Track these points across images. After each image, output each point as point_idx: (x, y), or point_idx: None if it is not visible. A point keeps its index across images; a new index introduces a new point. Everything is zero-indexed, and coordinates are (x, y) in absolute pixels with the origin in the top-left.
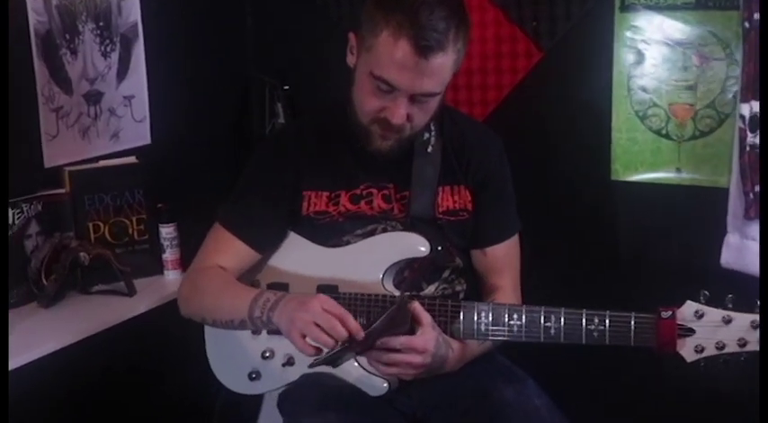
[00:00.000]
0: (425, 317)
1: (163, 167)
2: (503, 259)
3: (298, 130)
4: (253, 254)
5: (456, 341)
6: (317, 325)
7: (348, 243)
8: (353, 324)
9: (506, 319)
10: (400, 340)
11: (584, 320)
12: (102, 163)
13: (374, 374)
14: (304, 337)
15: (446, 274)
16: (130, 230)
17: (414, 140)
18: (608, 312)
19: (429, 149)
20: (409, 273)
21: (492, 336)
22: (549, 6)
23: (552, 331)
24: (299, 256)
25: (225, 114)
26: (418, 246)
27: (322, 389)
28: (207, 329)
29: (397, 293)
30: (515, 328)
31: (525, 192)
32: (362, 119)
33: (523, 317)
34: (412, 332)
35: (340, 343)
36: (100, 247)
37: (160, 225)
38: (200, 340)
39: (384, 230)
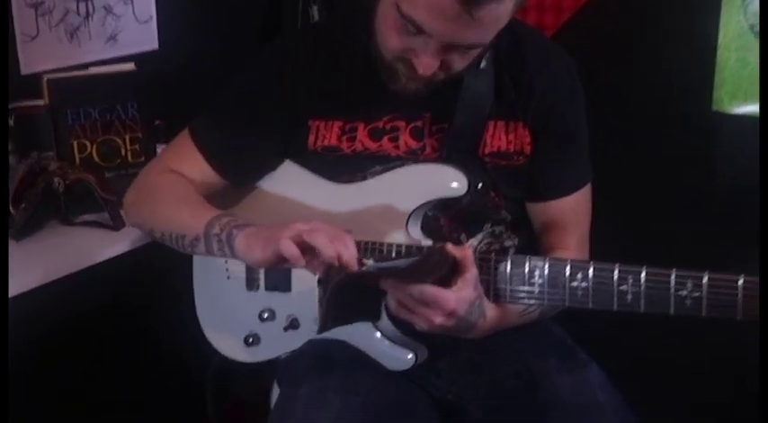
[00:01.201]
0: (470, 270)
1: (165, 76)
2: (568, 214)
3: (313, 38)
4: (222, 183)
5: (492, 307)
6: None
7: (363, 178)
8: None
9: (567, 280)
10: (427, 291)
11: (672, 283)
12: (92, 70)
13: (397, 344)
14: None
15: (489, 227)
16: (123, 151)
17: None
18: (707, 273)
19: (482, 65)
20: (445, 220)
21: (548, 300)
22: None
23: (629, 297)
24: (300, 192)
25: (249, 16)
26: (450, 182)
27: (330, 359)
28: (196, 282)
29: (426, 243)
30: (579, 292)
31: (601, 127)
32: (385, 54)
33: (590, 276)
34: (446, 281)
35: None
36: (82, 170)
37: (158, 145)
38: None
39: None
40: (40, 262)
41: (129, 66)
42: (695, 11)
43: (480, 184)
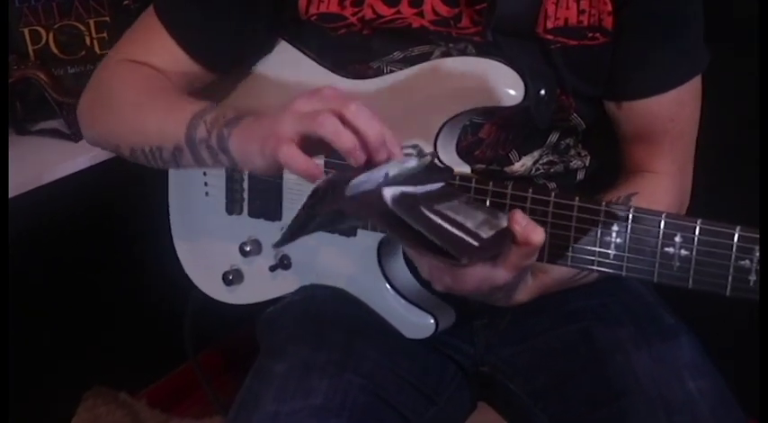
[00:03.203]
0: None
1: None
2: (664, 121)
3: None
4: (200, 70)
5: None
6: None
7: (379, 71)
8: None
9: (659, 243)
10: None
11: None
12: None
13: (416, 305)
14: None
15: (554, 137)
16: (87, 40)
17: None
18: None
19: None
20: (488, 129)
21: (627, 270)
22: None
23: (752, 279)
24: (298, 85)
25: None
26: (503, 86)
27: (323, 317)
28: (172, 200)
29: (459, 168)
30: (675, 264)
31: None
32: None
33: (695, 242)
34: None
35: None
36: (33, 66)
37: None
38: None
39: (445, 55)
40: None
41: None
42: None
43: (543, 90)
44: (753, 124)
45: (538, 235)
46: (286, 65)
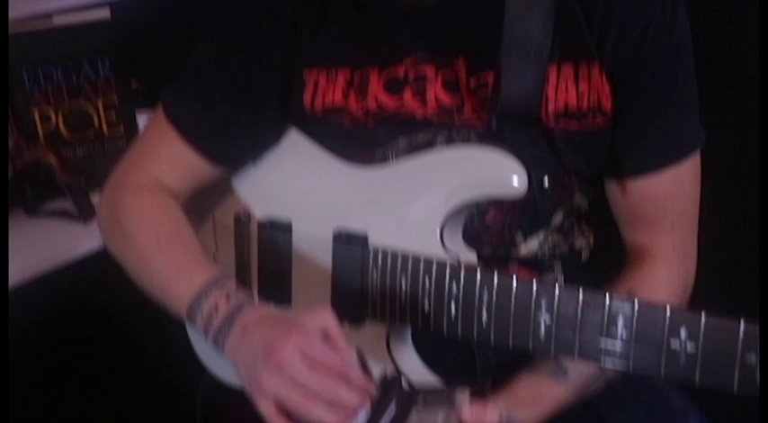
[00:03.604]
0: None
1: (141, 23)
2: (663, 200)
3: None
4: (209, 169)
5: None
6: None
7: (384, 158)
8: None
9: (664, 336)
10: None
11: None
12: (56, 20)
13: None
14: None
15: (558, 218)
16: (96, 121)
17: None
18: None
19: None
20: (493, 215)
21: (634, 367)
22: None
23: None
24: (308, 177)
25: None
26: (507, 177)
27: None
28: None
29: (466, 255)
30: (682, 359)
31: (711, 74)
32: None
33: (701, 336)
34: None
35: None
36: (42, 148)
37: (138, 112)
38: None
39: (448, 141)
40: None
41: (103, 12)
42: None
43: (546, 180)
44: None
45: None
46: (297, 154)
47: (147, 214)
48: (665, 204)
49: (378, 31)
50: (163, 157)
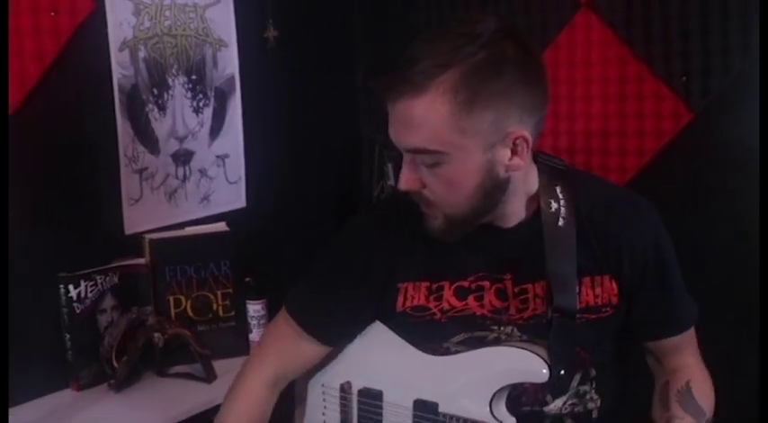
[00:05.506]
0: None
1: (254, 235)
2: (684, 341)
3: (396, 205)
4: (319, 350)
5: None
6: None
7: (448, 350)
8: None
9: None
10: None
11: None
12: (189, 230)
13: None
14: None
15: (575, 382)
16: (215, 306)
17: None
18: None
19: (560, 223)
20: (530, 385)
21: None
22: (703, 58)
23: None
24: (395, 361)
25: (328, 176)
26: (536, 370)
27: None
28: None
29: (507, 421)
30: None
31: None
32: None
33: None
34: None
35: None
36: (179, 325)
37: (247, 301)
38: None
39: (496, 340)
40: (141, 414)
41: (222, 225)
42: (753, 172)
43: (563, 371)
44: None
45: None
46: (384, 342)
47: (233, 412)
48: (686, 340)
49: (450, 256)
50: (281, 342)
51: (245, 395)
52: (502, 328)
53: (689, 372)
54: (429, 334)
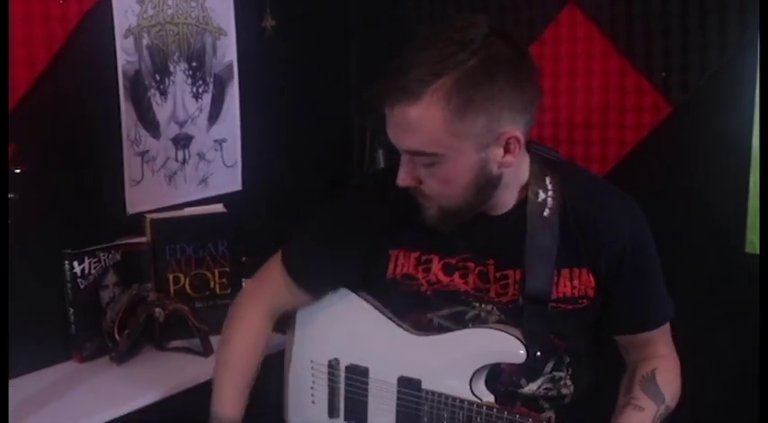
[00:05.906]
0: None
1: (250, 217)
2: (656, 335)
3: (394, 177)
4: (307, 298)
5: None
6: None
7: (431, 322)
8: None
9: None
10: None
11: None
12: (188, 211)
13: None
14: None
15: (549, 367)
16: (212, 284)
17: (477, 209)
18: None
19: (546, 213)
20: (506, 366)
21: None
22: (682, 54)
23: None
24: (382, 339)
25: (321, 161)
26: (513, 351)
27: None
28: (290, 408)
29: (486, 398)
30: None
31: None
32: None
33: None
34: None
35: None
36: (178, 301)
37: (243, 279)
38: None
39: (476, 317)
40: (140, 386)
41: (219, 207)
42: (728, 163)
43: (539, 353)
44: None
45: None
46: (368, 320)
47: (235, 342)
48: (659, 335)
49: (440, 233)
50: (273, 285)
51: (246, 326)
52: (483, 306)
53: (657, 361)
54: (413, 305)
